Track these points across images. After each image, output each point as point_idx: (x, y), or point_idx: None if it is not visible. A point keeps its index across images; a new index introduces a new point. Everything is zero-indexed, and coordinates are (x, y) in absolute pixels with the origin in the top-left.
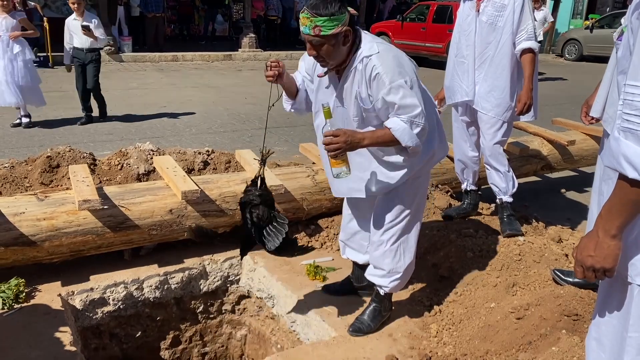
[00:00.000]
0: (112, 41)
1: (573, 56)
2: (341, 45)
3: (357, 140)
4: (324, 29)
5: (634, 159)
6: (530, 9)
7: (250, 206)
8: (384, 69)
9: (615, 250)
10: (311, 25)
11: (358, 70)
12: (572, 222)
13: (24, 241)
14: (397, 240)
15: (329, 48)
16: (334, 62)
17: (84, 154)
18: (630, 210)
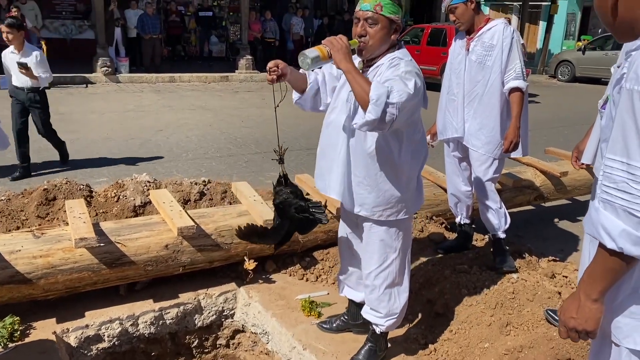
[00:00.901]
0: (109, 62)
1: (566, 77)
2: (388, 35)
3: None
4: (385, 9)
5: (612, 230)
6: (518, 49)
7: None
8: (405, 66)
9: (597, 314)
10: (374, 3)
11: (384, 65)
12: (564, 254)
13: (19, 279)
14: (390, 284)
15: (377, 32)
16: (373, 48)
17: (80, 185)
18: (610, 277)
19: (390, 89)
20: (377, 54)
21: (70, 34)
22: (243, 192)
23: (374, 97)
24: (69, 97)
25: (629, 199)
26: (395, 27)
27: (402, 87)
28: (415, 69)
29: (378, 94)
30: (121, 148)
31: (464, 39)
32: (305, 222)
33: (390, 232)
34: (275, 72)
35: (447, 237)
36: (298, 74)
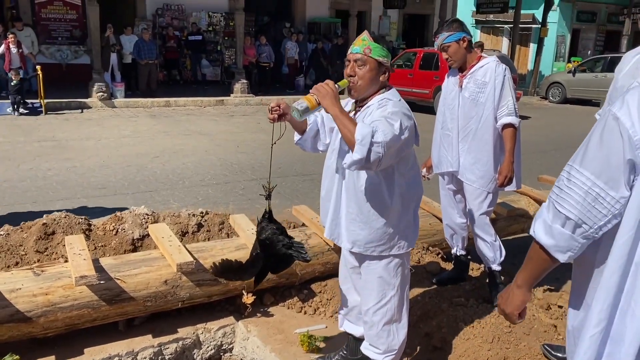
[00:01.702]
0: (105, 87)
1: (557, 99)
2: (377, 76)
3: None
4: (374, 52)
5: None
6: (510, 87)
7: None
8: (392, 107)
9: (517, 298)
10: (364, 46)
11: (373, 106)
12: (559, 282)
13: (19, 318)
14: (388, 320)
15: (367, 73)
16: (362, 89)
17: (79, 219)
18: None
19: (375, 129)
20: (367, 94)
21: (66, 59)
22: (241, 224)
23: (359, 137)
24: (65, 123)
25: (557, 192)
26: (383, 70)
27: (387, 127)
28: (402, 109)
29: (363, 134)
30: (118, 176)
31: (456, 76)
32: (285, 260)
33: (389, 269)
34: (276, 112)
35: (444, 267)
36: None
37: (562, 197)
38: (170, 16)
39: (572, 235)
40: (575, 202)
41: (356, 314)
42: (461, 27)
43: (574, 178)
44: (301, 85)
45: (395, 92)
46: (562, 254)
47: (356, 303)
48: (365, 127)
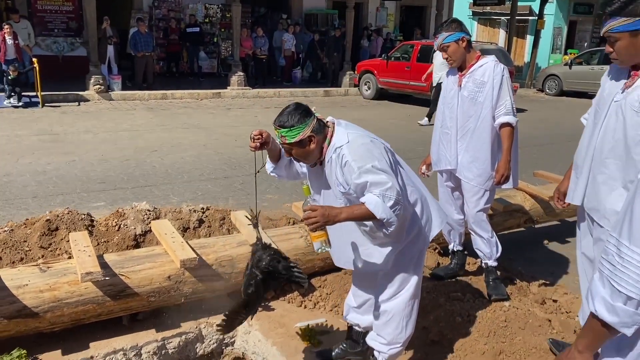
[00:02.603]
0: (102, 80)
1: (553, 91)
2: (308, 147)
3: (334, 214)
4: (288, 138)
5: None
6: (508, 86)
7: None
8: (352, 157)
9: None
10: (278, 135)
11: (333, 160)
12: (554, 276)
13: (26, 313)
14: (400, 311)
15: (297, 151)
16: (308, 160)
17: (81, 215)
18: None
19: (380, 196)
20: (315, 157)
21: (62, 51)
22: (242, 221)
23: (384, 217)
24: (62, 116)
25: (611, 269)
26: (308, 139)
27: (382, 186)
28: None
29: (384, 211)
30: (117, 170)
31: (456, 75)
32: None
33: (408, 261)
34: (259, 140)
35: (441, 262)
36: (276, 144)
37: (619, 275)
38: (167, 8)
39: (636, 311)
40: (634, 282)
41: (367, 306)
42: (460, 27)
43: (627, 256)
44: (298, 78)
45: (340, 132)
46: (627, 329)
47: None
48: (378, 204)
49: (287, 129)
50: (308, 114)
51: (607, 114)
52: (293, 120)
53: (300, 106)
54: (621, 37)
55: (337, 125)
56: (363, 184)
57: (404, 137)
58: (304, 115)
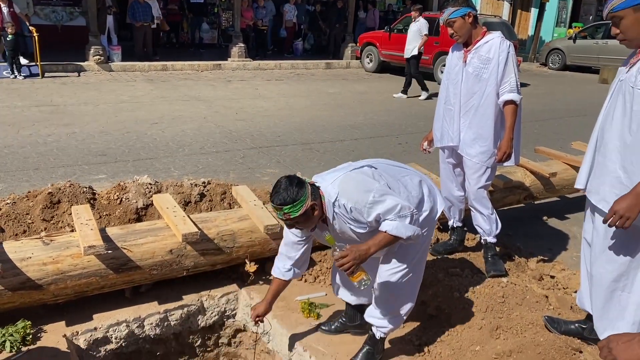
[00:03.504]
0: (102, 50)
1: (557, 65)
2: (312, 215)
3: (364, 251)
4: (293, 213)
5: None
6: (513, 63)
7: None
8: (353, 202)
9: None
10: (281, 213)
11: (339, 214)
12: (553, 252)
13: (30, 285)
14: (400, 285)
15: (303, 222)
16: (312, 225)
17: (83, 188)
18: None
19: (396, 219)
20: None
21: (61, 20)
22: (243, 196)
23: (409, 235)
24: (62, 87)
25: None
26: (312, 208)
27: (394, 210)
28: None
29: (406, 230)
30: (118, 143)
31: (461, 51)
32: None
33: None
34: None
35: (440, 238)
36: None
37: None
38: None
39: None
40: None
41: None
42: (466, 2)
43: None
44: (299, 49)
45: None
46: None
47: None
48: (398, 227)
49: (290, 205)
50: (302, 184)
51: (612, 94)
52: (292, 194)
53: (293, 178)
54: (625, 15)
55: (318, 182)
56: (377, 216)
57: (405, 111)
58: (300, 187)
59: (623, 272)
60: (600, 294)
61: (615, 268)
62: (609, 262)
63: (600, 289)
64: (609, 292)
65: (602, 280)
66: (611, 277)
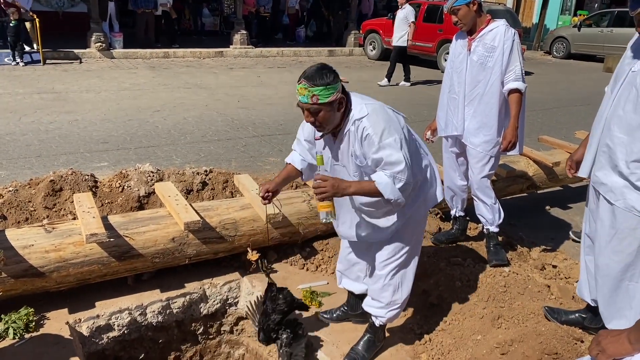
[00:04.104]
0: (103, 37)
1: (561, 54)
2: (336, 111)
3: (343, 187)
4: (321, 97)
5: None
6: (518, 51)
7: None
8: (373, 130)
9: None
10: (309, 95)
11: (351, 132)
12: (555, 242)
13: (33, 272)
14: (395, 274)
15: (325, 114)
16: (329, 126)
17: (85, 176)
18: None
19: (391, 177)
20: (335, 125)
21: (62, 6)
22: (245, 185)
23: (392, 198)
24: (64, 74)
25: None
26: (338, 101)
27: (396, 167)
28: (379, 119)
29: (392, 192)
30: (119, 130)
31: (465, 39)
32: None
33: (407, 229)
34: (268, 197)
35: (442, 227)
36: (287, 174)
37: None
38: None
39: None
40: None
41: (356, 271)
42: None
43: None
44: (302, 36)
45: (358, 104)
46: None
47: (356, 261)
48: (387, 184)
49: (323, 87)
50: (337, 75)
51: (622, 84)
52: (328, 78)
53: (329, 66)
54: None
55: (352, 96)
56: (379, 159)
57: (409, 100)
58: (335, 75)
59: (630, 263)
60: (607, 284)
61: (623, 259)
62: (616, 253)
63: (607, 278)
64: (617, 281)
65: (609, 271)
66: (618, 267)
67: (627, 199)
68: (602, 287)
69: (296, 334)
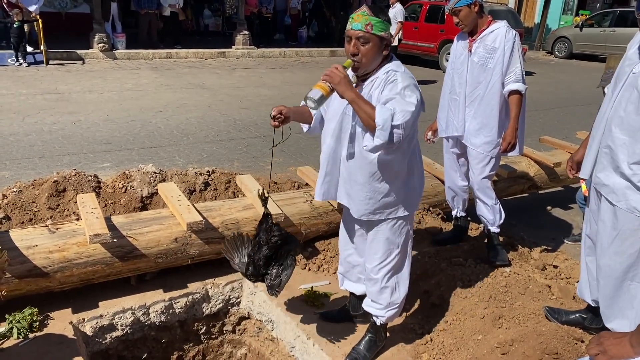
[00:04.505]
0: (106, 38)
1: (563, 54)
2: (380, 51)
3: (349, 87)
4: (376, 28)
5: None
6: (519, 53)
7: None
8: (402, 80)
9: (626, 352)
10: (365, 22)
11: (379, 78)
12: (556, 242)
13: (37, 273)
14: (391, 276)
15: (370, 48)
16: (366, 65)
17: (88, 177)
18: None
19: (393, 111)
20: (371, 69)
21: (65, 7)
22: (247, 185)
23: (380, 123)
24: (67, 75)
25: None
26: (385, 43)
27: (404, 107)
28: (412, 80)
29: (383, 119)
30: (122, 131)
31: (466, 40)
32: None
33: (394, 229)
34: (279, 119)
35: (443, 228)
36: (301, 110)
37: None
38: None
39: None
40: None
41: (356, 273)
42: None
43: None
44: (304, 37)
45: (399, 63)
46: None
47: (357, 263)
48: (385, 111)
49: (380, 20)
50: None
51: (623, 85)
52: (386, 16)
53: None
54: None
55: (395, 58)
56: (393, 95)
57: None
58: (389, 20)
59: (632, 263)
60: (609, 284)
61: (625, 260)
62: (618, 254)
63: (610, 279)
64: (619, 282)
65: (611, 272)
66: (621, 268)
67: (629, 200)
68: (604, 288)
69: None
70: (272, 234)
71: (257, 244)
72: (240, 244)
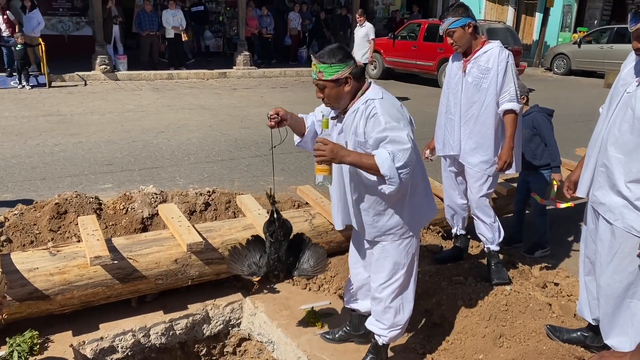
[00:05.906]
0: (108, 60)
1: (562, 70)
2: (342, 90)
3: (342, 154)
4: (326, 74)
5: None
6: (513, 73)
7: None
8: (382, 112)
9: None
10: (316, 71)
11: (360, 110)
12: (556, 259)
13: (37, 295)
14: (395, 297)
15: (329, 91)
16: (337, 104)
17: (90, 199)
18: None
19: (392, 155)
20: (346, 103)
21: (67, 30)
22: (247, 205)
23: (387, 174)
24: (69, 97)
25: None
26: (344, 81)
27: (398, 146)
28: (392, 107)
29: (388, 167)
30: (124, 152)
31: (460, 60)
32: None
33: (400, 249)
34: (275, 119)
35: (444, 246)
36: (298, 118)
37: None
38: None
39: None
40: None
41: (365, 291)
42: (467, 13)
43: None
44: (304, 57)
45: (376, 89)
46: None
47: (365, 282)
48: (385, 159)
49: (327, 65)
50: (350, 57)
51: (618, 105)
52: (335, 58)
53: (344, 48)
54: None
55: (373, 84)
56: (382, 138)
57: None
58: (346, 57)
59: (632, 281)
60: (609, 302)
61: (624, 277)
62: (617, 272)
63: (610, 298)
64: (619, 300)
65: (612, 290)
66: (621, 286)
67: (626, 219)
68: (605, 306)
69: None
70: (287, 225)
71: (276, 242)
72: (244, 253)
